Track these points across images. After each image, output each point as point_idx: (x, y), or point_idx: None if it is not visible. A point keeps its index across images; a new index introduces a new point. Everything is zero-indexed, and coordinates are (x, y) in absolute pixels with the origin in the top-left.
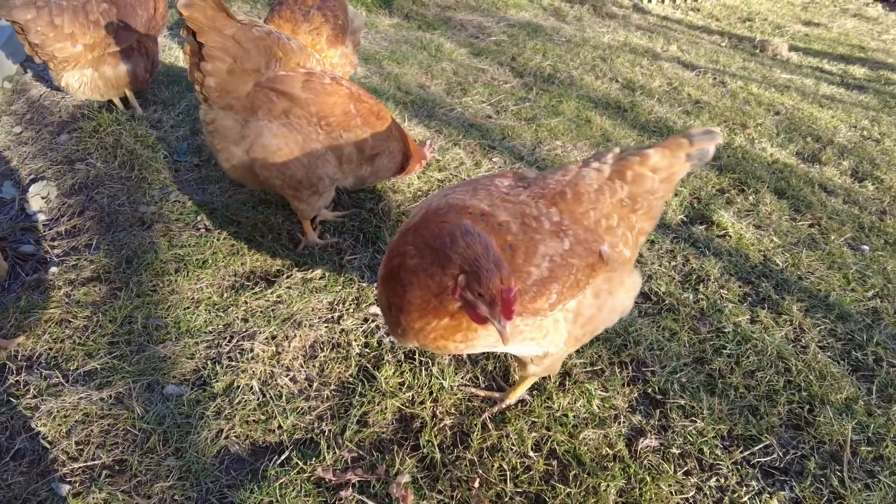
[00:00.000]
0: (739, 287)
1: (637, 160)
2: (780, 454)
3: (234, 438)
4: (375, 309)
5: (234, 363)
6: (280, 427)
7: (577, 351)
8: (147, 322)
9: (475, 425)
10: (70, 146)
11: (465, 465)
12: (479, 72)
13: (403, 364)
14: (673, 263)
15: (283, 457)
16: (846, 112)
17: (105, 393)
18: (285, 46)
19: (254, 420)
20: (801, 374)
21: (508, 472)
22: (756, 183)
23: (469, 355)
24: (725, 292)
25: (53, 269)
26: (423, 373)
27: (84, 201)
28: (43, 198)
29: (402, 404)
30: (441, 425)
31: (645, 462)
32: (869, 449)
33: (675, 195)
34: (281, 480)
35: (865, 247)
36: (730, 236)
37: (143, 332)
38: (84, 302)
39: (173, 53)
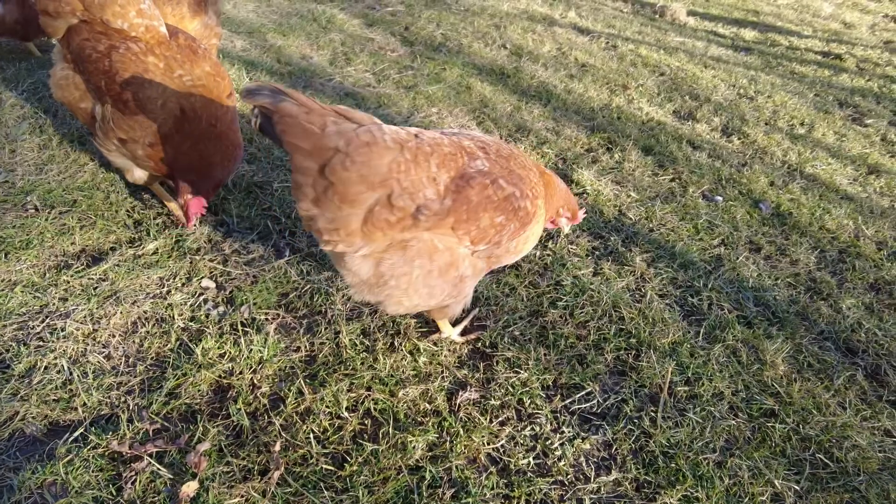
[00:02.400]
0: (588, 242)
1: None
2: (601, 400)
3: (29, 420)
4: (207, 283)
5: (42, 343)
6: (85, 405)
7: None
8: None
9: (290, 391)
10: None
11: (274, 431)
12: (367, 41)
13: (226, 335)
14: None
15: (77, 433)
16: (728, 72)
17: None
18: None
19: (55, 399)
20: (632, 322)
21: (318, 434)
22: (624, 141)
23: None
24: (574, 247)
25: None
26: (245, 343)
27: None
28: None
29: (219, 376)
30: (257, 394)
31: (462, 415)
32: (686, 389)
33: (541, 157)
34: (70, 457)
35: (719, 198)
36: (587, 193)
37: None
38: None
39: None
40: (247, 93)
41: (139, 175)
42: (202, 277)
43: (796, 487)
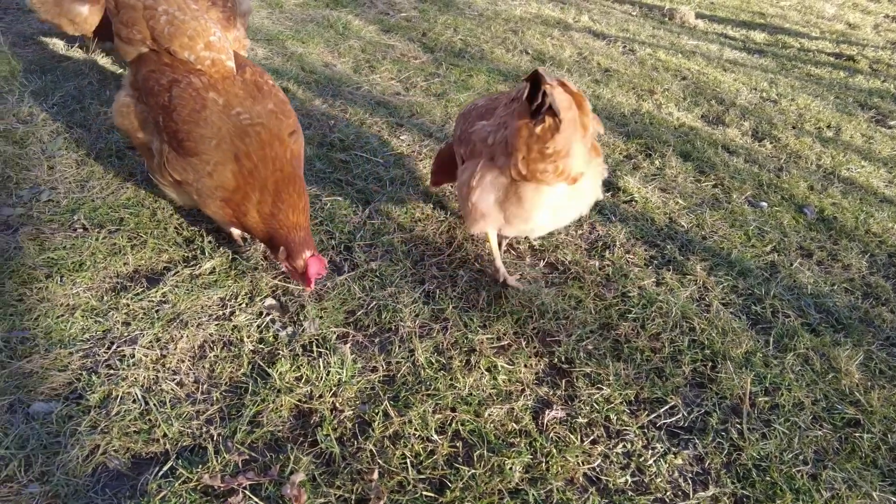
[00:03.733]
0: (645, 251)
1: None
2: (685, 413)
3: (111, 453)
4: (271, 302)
5: (113, 371)
6: (165, 435)
7: (484, 326)
8: (9, 335)
9: (377, 414)
10: None
11: (366, 457)
12: (388, 48)
13: (300, 358)
14: (580, 232)
15: (166, 467)
16: (747, 75)
17: None
18: None
19: (135, 431)
20: (704, 333)
21: (411, 459)
22: (662, 147)
23: None
24: (631, 257)
25: None
26: (322, 365)
27: None
28: None
29: (298, 400)
30: (341, 418)
31: (552, 434)
32: (766, 399)
33: None
34: (163, 493)
35: (764, 203)
36: (636, 201)
37: (5, 347)
38: None
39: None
40: None
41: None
42: (265, 296)
43: (894, 500)
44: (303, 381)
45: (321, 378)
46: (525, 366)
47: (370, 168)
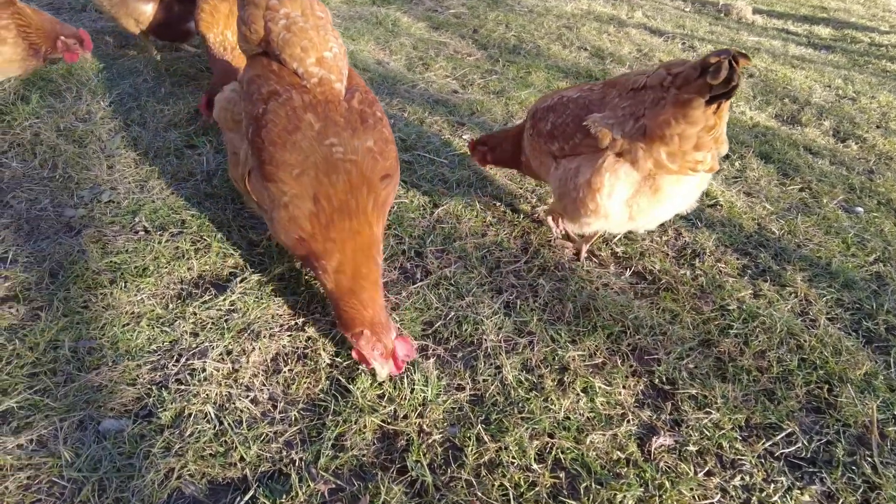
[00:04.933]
0: (737, 259)
1: None
2: (805, 442)
3: (187, 478)
4: None
5: (184, 387)
6: (242, 459)
7: (573, 341)
8: (77, 346)
9: (469, 438)
10: None
11: (461, 487)
12: (440, 45)
13: None
14: (664, 238)
15: (248, 496)
16: (818, 72)
17: (24, 438)
18: None
19: (210, 454)
20: (814, 351)
21: (511, 491)
22: (740, 148)
23: None
24: (724, 266)
25: None
26: (405, 382)
27: None
28: None
29: (383, 420)
30: (430, 442)
31: (661, 464)
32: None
33: None
34: None
35: (860, 209)
36: (721, 205)
37: (73, 358)
38: None
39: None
40: None
41: None
42: None
43: None
44: (385, 399)
45: (405, 396)
46: (623, 387)
47: (434, 169)
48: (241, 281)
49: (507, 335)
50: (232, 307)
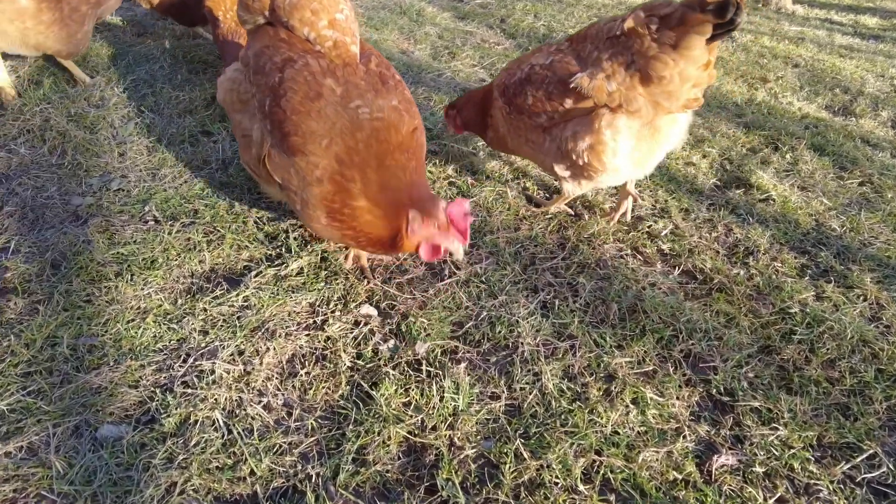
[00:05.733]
0: (795, 258)
1: None
2: (891, 466)
3: (191, 494)
4: (368, 309)
5: (190, 390)
6: (252, 473)
7: (619, 346)
8: (76, 343)
9: (506, 454)
10: None
11: None
12: (466, 35)
13: (409, 378)
14: (714, 234)
15: None
16: (869, 61)
17: (13, 445)
18: None
19: (217, 466)
20: (893, 362)
21: None
22: (790, 139)
23: None
24: (780, 265)
25: None
26: (434, 389)
27: (2, 195)
28: None
29: (409, 432)
30: (462, 457)
31: (725, 488)
32: None
33: (704, 156)
34: None
35: None
36: (773, 200)
37: (71, 356)
38: None
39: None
40: None
41: None
42: (361, 303)
43: None
44: (412, 407)
45: (433, 405)
46: (677, 397)
47: (463, 159)
48: (257, 275)
49: (546, 338)
50: (245, 303)
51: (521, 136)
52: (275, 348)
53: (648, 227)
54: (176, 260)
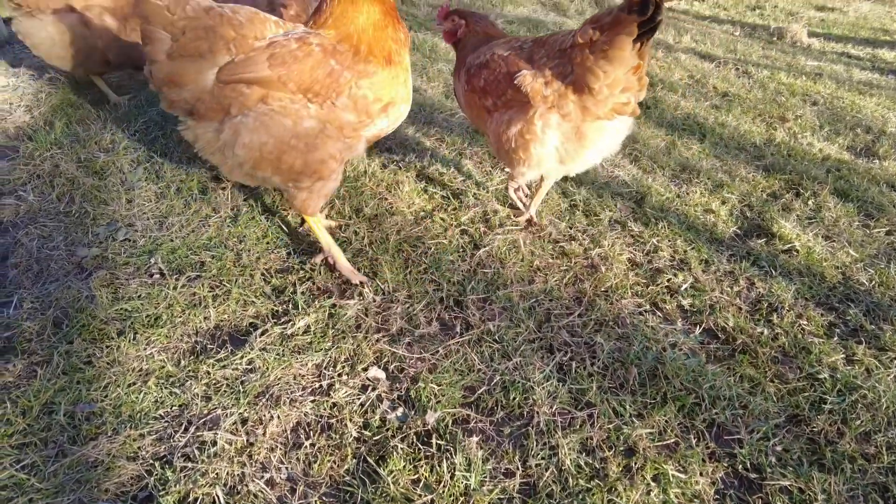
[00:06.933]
0: (822, 315)
1: None
2: None
3: None
4: (376, 372)
5: (191, 464)
6: None
7: (640, 415)
8: (74, 409)
9: None
10: (1, 177)
11: None
12: None
13: (418, 452)
14: (736, 289)
15: None
16: (890, 98)
17: None
18: (232, 21)
19: None
20: None
21: None
22: (812, 184)
23: None
24: (806, 323)
25: None
26: (444, 465)
27: (8, 245)
28: None
29: None
30: None
31: None
32: None
33: (723, 203)
34: None
35: None
36: (797, 251)
37: (68, 425)
38: None
39: None
40: None
41: None
42: (369, 365)
43: None
44: (421, 485)
45: (444, 483)
46: (701, 473)
47: (475, 204)
48: (262, 334)
49: (563, 407)
50: (250, 366)
51: (473, 110)
52: (279, 416)
53: (668, 280)
54: (180, 317)
